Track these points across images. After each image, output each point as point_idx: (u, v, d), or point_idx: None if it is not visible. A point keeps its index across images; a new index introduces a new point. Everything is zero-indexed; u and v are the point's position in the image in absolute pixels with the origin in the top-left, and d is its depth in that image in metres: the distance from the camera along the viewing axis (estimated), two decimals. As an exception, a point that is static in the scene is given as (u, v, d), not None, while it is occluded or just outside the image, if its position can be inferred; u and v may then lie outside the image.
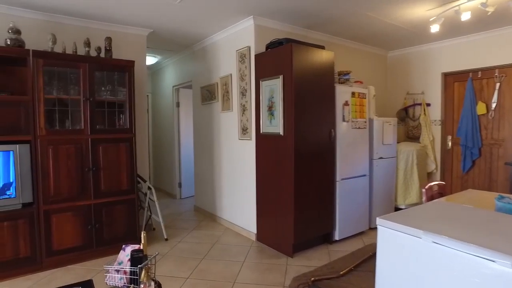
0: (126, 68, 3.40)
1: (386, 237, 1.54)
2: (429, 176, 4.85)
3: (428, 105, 4.92)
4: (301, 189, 3.32)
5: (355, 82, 4.07)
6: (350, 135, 3.78)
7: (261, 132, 3.66)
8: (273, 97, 3.45)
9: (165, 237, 3.89)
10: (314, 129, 3.42)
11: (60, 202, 3.10)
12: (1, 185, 2.87)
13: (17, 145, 2.91)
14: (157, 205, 3.93)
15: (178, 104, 5.96)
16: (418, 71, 5.08)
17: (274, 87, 3.41)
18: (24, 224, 2.95)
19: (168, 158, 6.32)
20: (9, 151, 2.89)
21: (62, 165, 3.10)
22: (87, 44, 3.31)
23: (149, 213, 4.10)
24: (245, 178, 4.01)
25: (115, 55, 3.63)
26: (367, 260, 3.13)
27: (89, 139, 3.23)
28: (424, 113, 4.90)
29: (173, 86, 5.97)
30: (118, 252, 3.37)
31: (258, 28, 3.74)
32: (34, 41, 3.23)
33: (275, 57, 3.44)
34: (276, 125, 3.42)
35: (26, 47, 3.02)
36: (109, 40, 3.44)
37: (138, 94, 4.00)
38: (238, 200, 4.17)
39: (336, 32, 4.31)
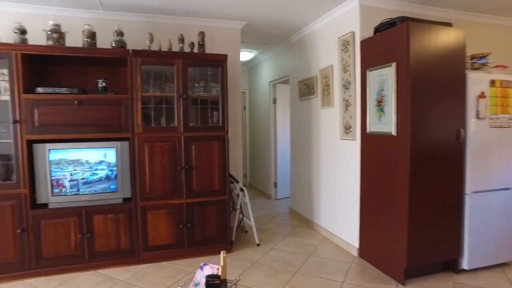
0: (219, 63, 3.26)
1: None
2: None
3: None
4: (417, 201, 2.67)
5: (495, 67, 3.14)
6: (486, 136, 2.91)
7: (367, 131, 3.10)
8: (383, 90, 2.86)
9: (257, 242, 3.66)
10: (436, 128, 2.71)
11: (154, 200, 3.14)
12: (108, 180, 3.03)
13: (119, 142, 3.03)
14: (249, 208, 3.73)
15: (274, 101, 5.74)
16: None
17: (385, 77, 2.82)
18: (124, 218, 3.07)
19: (264, 157, 6.16)
20: (113, 147, 3.03)
21: (157, 163, 3.13)
22: (181, 40, 3.29)
23: (241, 215, 3.93)
24: (347, 183, 3.50)
25: (209, 51, 3.54)
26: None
27: (182, 137, 3.19)
28: None
29: (269, 82, 5.77)
30: (208, 254, 3.32)
31: (364, 9, 3.17)
32: (133, 41, 3.35)
33: (386, 41, 2.84)
34: (386, 123, 2.83)
35: (127, 48, 3.13)
36: (202, 34, 3.36)
37: (232, 90, 3.87)
38: (339, 208, 3.68)
39: (466, 5, 3.41)
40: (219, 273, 1.65)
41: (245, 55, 5.71)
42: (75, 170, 2.95)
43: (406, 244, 2.66)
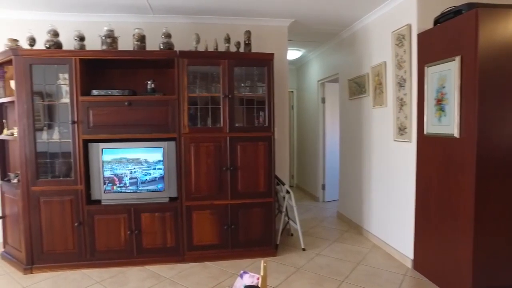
0: (265, 62, 3.19)
1: None
2: None
3: None
4: (486, 212, 2.35)
5: None
6: None
7: (424, 132, 2.83)
8: (443, 87, 2.58)
9: (303, 247, 3.54)
10: (511, 129, 2.37)
11: (199, 200, 3.16)
12: (155, 179, 3.12)
13: (166, 142, 3.10)
14: (295, 211, 3.61)
15: (323, 100, 5.54)
16: None
17: (446, 73, 2.54)
18: (170, 217, 3.13)
19: (312, 158, 5.99)
20: (160, 147, 3.10)
21: (202, 163, 3.15)
22: (227, 40, 3.29)
23: (286, 218, 3.83)
24: (401, 188, 3.23)
25: (255, 50, 3.49)
26: None
27: (228, 138, 3.17)
28: None
29: (318, 81, 5.58)
30: (252, 256, 3.26)
31: (423, -2, 2.90)
32: (181, 43, 3.39)
33: (448, 33, 2.55)
34: (448, 124, 2.54)
35: (175, 49, 3.18)
36: (248, 33, 3.32)
37: (279, 89, 3.78)
38: (391, 214, 3.42)
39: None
40: (259, 284, 1.57)
41: (293, 54, 5.58)
42: (124, 168, 3.07)
43: (471, 261, 2.37)
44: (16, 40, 3.11)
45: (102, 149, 3.01)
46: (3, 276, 2.95)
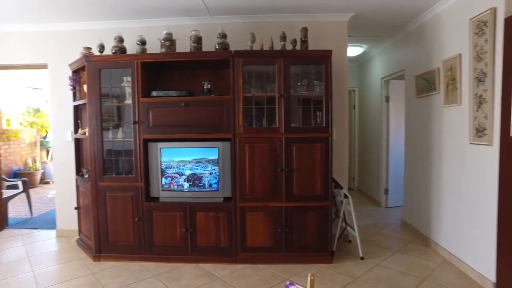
0: (322, 59, 3.04)
1: None
2: None
3: None
4: None
5: None
6: None
7: (511, 134, 2.43)
8: (536, 80, 2.19)
9: (361, 255, 3.30)
10: None
11: (253, 201, 3.12)
12: (210, 179, 3.15)
13: (221, 143, 3.11)
14: (353, 216, 3.39)
15: (387, 99, 5.16)
16: None
17: (539, 64, 2.15)
18: (224, 217, 3.14)
19: (374, 160, 5.62)
20: (216, 147, 3.13)
21: (257, 164, 3.10)
22: (283, 38, 3.20)
23: (344, 223, 3.61)
24: (479, 198, 2.84)
25: (313, 48, 3.34)
26: None
27: (283, 138, 3.08)
28: None
29: (381, 78, 5.22)
30: (306, 262, 3.14)
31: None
32: (236, 42, 3.35)
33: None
34: (540, 125, 2.16)
35: (230, 49, 3.18)
36: (304, 30, 3.19)
37: (338, 88, 3.57)
38: (465, 226, 3.03)
39: None
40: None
41: (354, 50, 5.28)
42: (181, 168, 3.16)
43: None
44: (89, 48, 3.38)
45: (161, 148, 3.13)
46: (77, 261, 3.26)
